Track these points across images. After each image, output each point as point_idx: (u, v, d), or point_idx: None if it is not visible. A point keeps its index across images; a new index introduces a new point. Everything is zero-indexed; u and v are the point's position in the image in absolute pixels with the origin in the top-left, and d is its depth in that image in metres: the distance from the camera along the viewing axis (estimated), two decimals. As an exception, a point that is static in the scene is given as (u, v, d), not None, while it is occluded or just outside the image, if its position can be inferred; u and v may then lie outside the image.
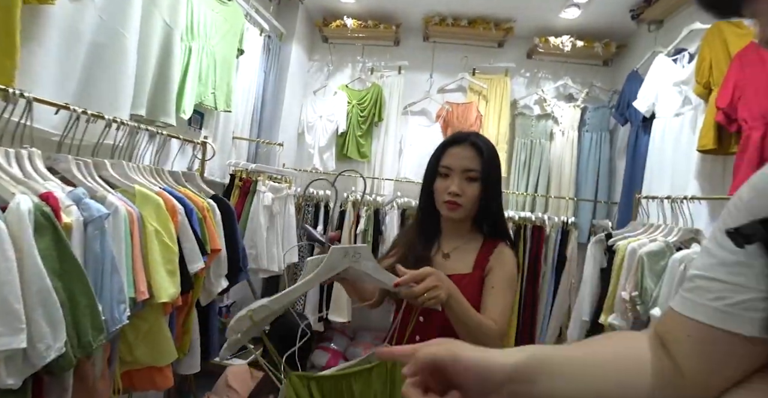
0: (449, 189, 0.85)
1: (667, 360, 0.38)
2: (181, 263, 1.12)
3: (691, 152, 1.82)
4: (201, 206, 1.26)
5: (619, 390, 0.38)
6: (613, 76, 2.61)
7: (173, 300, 1.05)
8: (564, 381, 0.39)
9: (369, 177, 2.56)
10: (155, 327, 1.07)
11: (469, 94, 2.68)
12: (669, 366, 0.37)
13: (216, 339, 1.38)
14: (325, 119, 2.61)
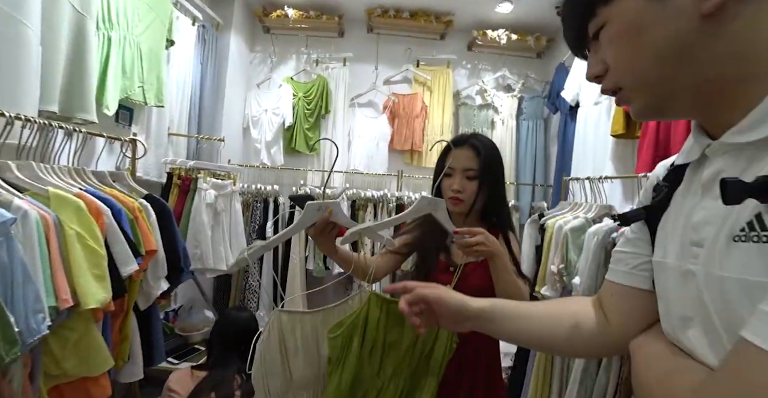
0: (452, 187, 0.95)
1: (602, 315, 0.53)
2: (112, 266, 1.06)
3: (607, 137, 2.02)
4: (131, 207, 1.20)
5: (545, 332, 0.56)
6: (545, 67, 2.78)
7: (104, 305, 0.99)
8: (511, 323, 0.56)
9: (318, 170, 2.54)
10: (85, 335, 1.01)
11: (414, 85, 2.73)
12: (602, 319, 0.52)
13: (160, 344, 1.33)
14: (270, 112, 2.54)
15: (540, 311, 0.58)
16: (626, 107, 0.44)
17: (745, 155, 0.34)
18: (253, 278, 2.18)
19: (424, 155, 2.68)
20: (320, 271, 2.24)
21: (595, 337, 0.53)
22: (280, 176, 2.47)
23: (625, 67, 0.40)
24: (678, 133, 1.66)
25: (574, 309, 0.56)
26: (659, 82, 0.38)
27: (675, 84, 0.37)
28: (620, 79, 0.40)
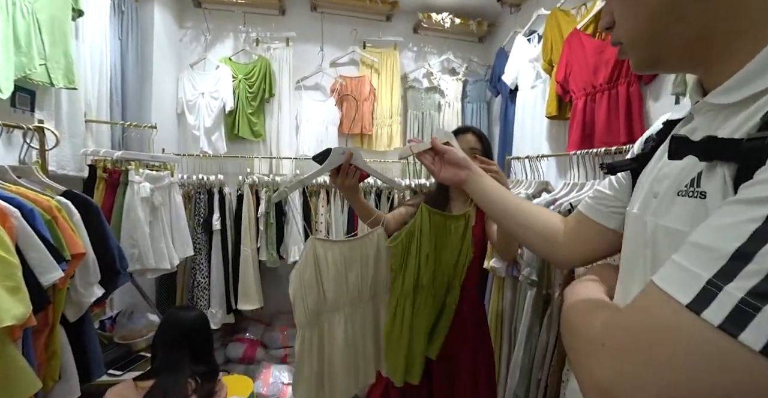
0: None
1: (561, 226, 0.63)
2: (30, 276, 0.91)
3: (543, 119, 2.15)
4: (46, 206, 1.02)
5: (519, 211, 0.67)
6: (487, 52, 2.84)
7: (21, 321, 0.85)
8: (496, 191, 0.70)
9: (266, 157, 2.40)
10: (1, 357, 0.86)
11: (362, 67, 2.65)
12: (560, 230, 0.63)
13: (98, 356, 1.18)
14: (208, 96, 2.32)
15: (520, 200, 0.70)
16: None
17: (721, 116, 0.35)
18: (201, 274, 2.03)
19: (374, 139, 2.65)
20: (274, 261, 2.15)
21: (547, 243, 0.63)
22: (223, 165, 2.28)
23: (623, 23, 0.41)
24: (600, 116, 1.80)
25: (546, 215, 0.66)
26: (651, 39, 0.38)
27: (667, 40, 0.37)
28: (621, 34, 0.42)
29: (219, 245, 2.06)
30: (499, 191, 0.70)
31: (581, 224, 0.60)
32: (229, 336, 2.23)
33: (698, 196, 0.32)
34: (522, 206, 0.68)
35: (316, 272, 0.84)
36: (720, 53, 0.35)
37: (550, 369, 1.57)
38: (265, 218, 2.13)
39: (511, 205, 0.68)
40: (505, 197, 0.69)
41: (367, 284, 0.91)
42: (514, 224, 0.67)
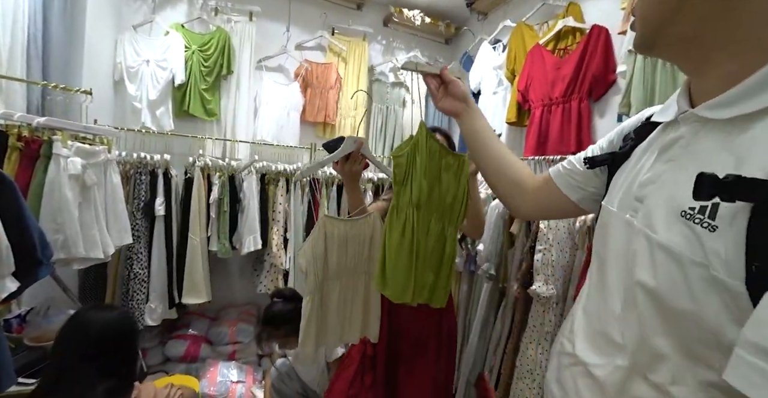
0: None
1: (530, 181, 0.67)
2: None
3: (503, 124, 2.25)
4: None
5: (502, 155, 0.70)
6: (453, 54, 2.88)
7: None
8: (487, 131, 0.72)
9: (220, 139, 2.17)
10: None
11: (329, 54, 2.52)
12: (528, 184, 0.67)
13: (7, 362, 0.96)
14: (154, 64, 2.02)
15: (503, 147, 0.72)
16: None
17: (705, 130, 0.37)
18: (140, 265, 1.77)
19: (337, 129, 2.55)
20: (226, 252, 1.96)
21: (515, 192, 0.68)
22: (169, 144, 2.02)
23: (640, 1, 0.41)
24: (554, 126, 1.93)
25: (521, 166, 0.70)
26: (655, 20, 0.39)
27: (667, 28, 0.38)
28: (639, 5, 0.42)
29: (162, 233, 1.82)
30: (490, 132, 0.72)
31: (548, 185, 0.64)
32: (168, 333, 2.00)
33: (709, 228, 0.31)
34: (503, 153, 0.71)
35: (325, 244, 0.93)
36: (712, 60, 0.36)
37: (503, 355, 1.65)
38: (217, 205, 1.93)
39: (495, 149, 0.70)
40: (491, 139, 0.72)
41: (362, 260, 0.99)
42: (493, 167, 0.70)
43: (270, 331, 1.48)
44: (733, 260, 0.29)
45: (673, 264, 0.34)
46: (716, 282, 0.30)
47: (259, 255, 2.20)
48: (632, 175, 0.45)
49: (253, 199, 1.99)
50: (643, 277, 0.37)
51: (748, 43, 0.33)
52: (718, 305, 0.31)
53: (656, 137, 0.45)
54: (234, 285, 2.35)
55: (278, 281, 2.07)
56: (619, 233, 0.44)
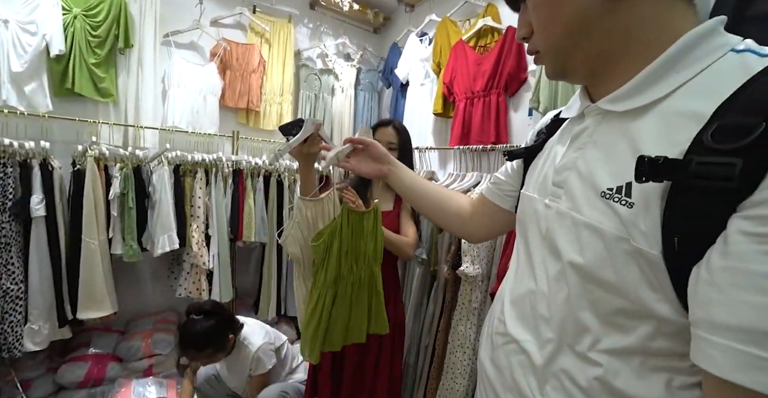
0: None
1: (469, 208, 0.73)
2: None
3: (429, 114, 2.30)
4: None
5: (437, 199, 0.75)
6: (381, 44, 2.83)
7: None
8: (412, 181, 0.77)
9: (120, 124, 1.81)
10: None
11: (250, 34, 2.26)
12: (468, 210, 0.72)
13: None
14: (16, 26, 1.57)
15: (436, 187, 0.77)
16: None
17: (606, 119, 0.41)
18: (11, 279, 1.39)
19: (262, 116, 2.33)
20: (134, 254, 1.65)
21: (459, 222, 0.72)
22: (48, 129, 1.60)
23: (543, 33, 0.43)
24: (476, 117, 2.03)
25: (458, 198, 0.75)
26: (565, 51, 0.42)
27: (577, 54, 0.41)
28: (537, 44, 0.44)
29: (43, 238, 1.45)
30: (418, 180, 0.77)
31: (483, 204, 0.69)
32: (60, 357, 1.63)
33: (625, 204, 0.34)
34: (438, 192, 0.75)
35: (308, 227, 0.96)
36: (614, 70, 0.39)
37: (437, 334, 1.72)
38: (120, 201, 1.60)
39: (429, 192, 0.75)
40: (423, 185, 0.76)
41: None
42: (433, 208, 0.75)
43: (193, 354, 1.31)
44: (650, 231, 0.32)
45: (599, 241, 0.36)
46: (636, 253, 0.33)
47: (176, 256, 1.92)
48: (547, 164, 0.49)
49: (165, 193, 1.71)
50: (572, 256, 0.40)
51: (640, 44, 0.37)
52: (637, 274, 0.33)
53: (565, 129, 0.49)
54: (146, 292, 2.02)
55: (201, 283, 1.84)
56: (540, 218, 0.47)
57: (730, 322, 0.26)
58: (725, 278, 0.27)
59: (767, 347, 0.25)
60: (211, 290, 1.86)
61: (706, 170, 0.28)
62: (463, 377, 1.58)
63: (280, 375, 1.58)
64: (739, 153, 0.27)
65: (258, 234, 2.01)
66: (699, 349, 0.29)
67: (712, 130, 0.29)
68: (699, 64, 0.34)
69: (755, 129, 0.27)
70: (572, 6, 0.39)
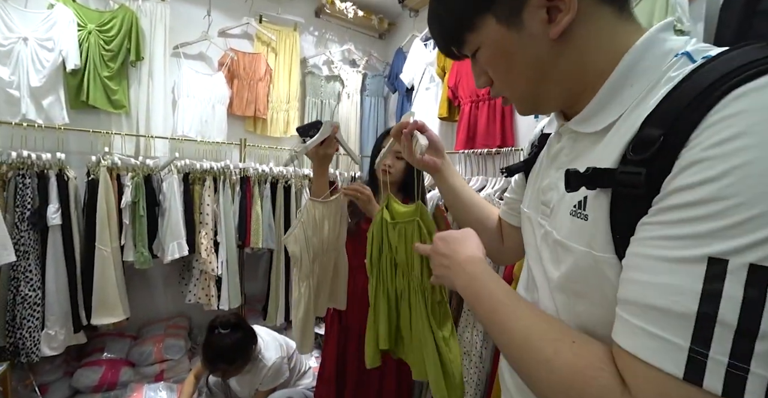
0: (385, 162, 1.22)
1: (495, 220, 0.69)
2: None
3: (435, 119, 2.29)
4: None
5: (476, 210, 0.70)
6: (386, 49, 2.86)
7: None
8: (463, 190, 0.71)
9: (132, 135, 1.87)
10: None
11: (257, 43, 2.32)
12: (493, 221, 0.69)
13: None
14: (34, 43, 1.65)
15: (478, 196, 0.72)
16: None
17: (579, 138, 0.42)
18: (30, 286, 1.45)
19: (269, 123, 2.37)
20: (145, 261, 1.70)
21: (493, 243, 0.68)
22: (64, 140, 1.67)
23: (503, 83, 0.45)
24: (481, 121, 2.02)
25: (493, 214, 0.70)
26: (530, 94, 0.43)
27: (542, 95, 0.43)
28: (501, 91, 0.46)
29: (59, 246, 1.51)
30: (466, 185, 0.72)
31: (504, 227, 0.67)
32: (75, 361, 1.69)
33: (582, 218, 0.37)
34: (483, 207, 0.70)
35: (315, 223, 0.97)
36: (580, 99, 0.41)
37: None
38: (131, 210, 1.66)
39: (474, 199, 0.70)
40: (470, 192, 0.71)
41: (333, 237, 1.02)
42: (472, 218, 0.69)
43: (225, 368, 1.30)
44: (603, 238, 0.34)
45: (569, 255, 0.38)
46: (600, 262, 0.34)
47: (186, 262, 1.97)
48: (537, 180, 0.50)
49: (175, 201, 1.76)
50: (552, 273, 0.42)
51: (595, 76, 0.38)
52: (608, 283, 0.34)
53: (548, 145, 0.51)
54: (157, 298, 2.07)
55: (210, 289, 1.87)
56: (535, 234, 0.48)
57: (625, 297, 0.31)
58: (628, 260, 0.31)
59: (639, 316, 0.29)
60: (220, 296, 1.90)
61: (625, 178, 0.32)
62: (470, 385, 1.56)
63: (289, 382, 1.60)
64: (643, 163, 0.31)
65: (265, 241, 2.04)
66: (615, 324, 0.32)
67: (634, 142, 0.33)
68: (650, 74, 0.35)
69: (656, 142, 0.30)
70: (524, 57, 0.40)
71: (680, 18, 1.26)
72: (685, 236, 0.27)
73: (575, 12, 0.36)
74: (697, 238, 0.27)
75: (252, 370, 1.44)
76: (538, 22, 0.37)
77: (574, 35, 0.38)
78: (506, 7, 0.38)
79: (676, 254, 0.28)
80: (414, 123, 0.69)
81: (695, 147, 0.28)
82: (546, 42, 0.38)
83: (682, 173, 0.28)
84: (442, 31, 0.46)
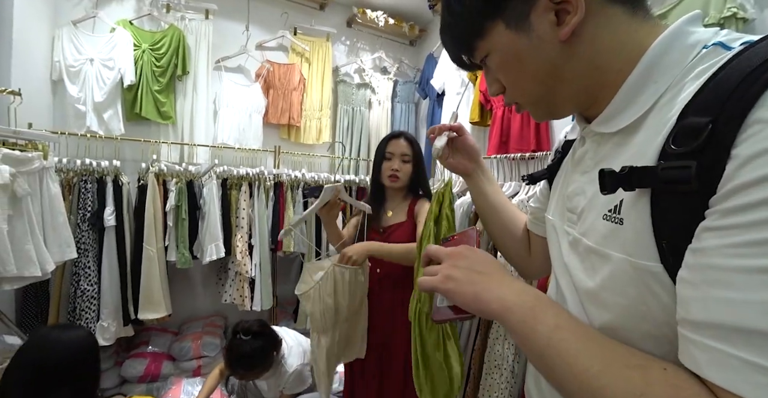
0: (392, 167, 1.23)
1: (522, 228, 0.66)
2: None
3: (466, 123, 2.26)
4: None
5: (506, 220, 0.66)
6: (417, 55, 2.88)
7: None
8: (497, 195, 0.68)
9: (177, 143, 2.04)
10: None
11: (291, 55, 2.44)
12: (520, 229, 0.65)
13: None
14: (99, 63, 1.86)
15: (510, 203, 0.69)
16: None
17: (603, 141, 0.40)
18: (88, 281, 1.61)
19: (302, 131, 2.47)
20: (185, 262, 1.83)
21: (520, 254, 0.65)
22: (120, 149, 1.86)
23: (515, 89, 0.44)
24: (515, 125, 1.96)
25: (522, 220, 0.66)
26: (544, 98, 0.42)
27: (557, 98, 0.42)
28: (515, 98, 0.45)
29: (113, 245, 1.67)
30: (498, 190, 0.69)
31: (532, 239, 0.64)
32: (125, 352, 1.84)
33: (617, 222, 0.34)
34: (509, 210, 0.67)
35: (335, 292, 0.97)
36: (598, 99, 0.40)
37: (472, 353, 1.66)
38: (175, 213, 1.80)
39: (504, 207, 0.67)
40: (500, 197, 0.68)
41: (352, 306, 1.03)
42: (499, 225, 0.67)
43: (242, 374, 1.36)
44: (643, 243, 0.31)
45: (605, 264, 0.35)
46: (640, 270, 0.32)
47: (223, 264, 2.08)
48: (562, 187, 0.48)
49: (213, 205, 1.88)
50: (584, 283, 0.39)
51: (612, 74, 0.37)
52: (648, 293, 0.32)
53: (572, 150, 0.49)
54: (197, 297, 2.21)
55: (244, 290, 1.97)
56: (560, 242, 0.46)
57: (703, 319, 0.26)
58: (696, 275, 0.27)
59: (734, 342, 0.24)
60: (253, 297, 1.99)
61: (670, 174, 0.29)
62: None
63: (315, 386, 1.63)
64: (692, 155, 0.27)
65: (297, 245, 2.11)
66: (682, 349, 0.28)
67: (674, 134, 0.30)
68: (674, 69, 0.33)
69: (704, 130, 0.27)
70: (535, 60, 0.39)
71: (742, 4, 1.16)
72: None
73: (583, 12, 0.35)
74: None
75: (275, 374, 1.48)
76: (546, 24, 0.37)
77: (585, 36, 0.37)
78: (514, 12, 0.38)
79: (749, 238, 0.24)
80: (448, 125, 0.68)
81: (758, 133, 0.24)
82: (556, 44, 0.38)
83: (747, 164, 0.24)
84: (452, 39, 0.47)
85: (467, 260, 0.43)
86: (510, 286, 0.39)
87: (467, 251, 0.44)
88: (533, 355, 0.34)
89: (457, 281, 0.41)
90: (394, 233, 1.23)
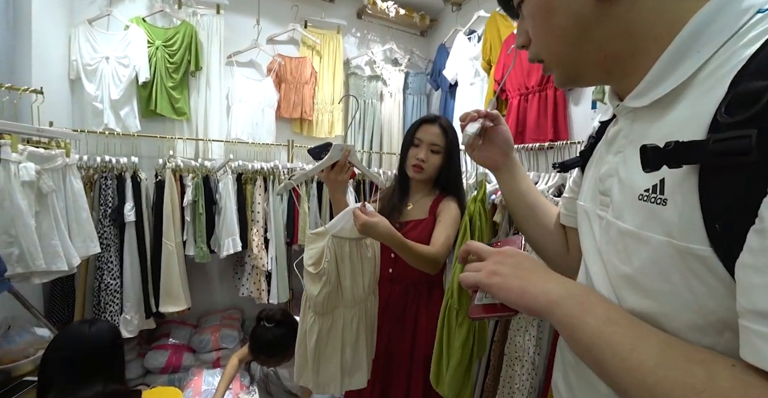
0: (418, 156, 1.10)
1: (555, 221, 0.62)
2: None
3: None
4: None
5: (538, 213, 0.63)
6: (428, 46, 2.84)
7: None
8: (528, 190, 0.64)
9: (192, 139, 2.06)
10: None
11: (303, 48, 2.43)
12: (553, 222, 0.62)
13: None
14: (114, 61, 1.88)
15: (542, 197, 0.65)
16: None
17: (638, 117, 0.38)
18: (111, 275, 1.66)
19: (314, 124, 2.47)
20: (203, 256, 1.86)
21: (557, 251, 0.61)
22: (136, 146, 1.89)
23: (540, 42, 0.42)
24: (531, 115, 1.92)
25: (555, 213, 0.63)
26: (568, 59, 0.40)
27: (582, 60, 0.39)
28: (539, 53, 0.43)
29: (134, 240, 1.71)
30: (531, 186, 0.64)
31: (568, 235, 0.60)
32: (147, 344, 1.89)
33: (660, 203, 0.32)
34: (544, 207, 0.63)
35: (336, 267, 0.85)
36: (628, 67, 0.37)
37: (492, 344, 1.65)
38: (192, 208, 1.82)
39: (538, 203, 0.63)
40: (534, 194, 0.64)
41: (364, 284, 0.90)
42: (534, 224, 0.63)
43: (264, 359, 1.39)
44: (689, 225, 0.29)
45: (645, 248, 0.33)
46: (685, 253, 0.30)
47: (239, 258, 2.11)
48: (595, 171, 0.46)
49: (229, 200, 1.90)
50: (621, 268, 0.37)
51: (649, 41, 0.35)
52: (693, 279, 0.30)
53: (606, 132, 0.47)
54: (214, 290, 2.26)
55: (261, 284, 2.00)
56: (592, 228, 0.44)
57: None
58: (763, 259, 0.24)
59: None
60: (270, 290, 2.01)
61: (723, 146, 0.26)
62: (521, 392, 1.49)
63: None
64: (751, 123, 0.25)
65: (311, 238, 2.13)
66: (745, 342, 0.25)
67: (727, 103, 0.27)
68: (722, 36, 0.31)
69: (765, 93, 0.24)
70: (565, 13, 0.37)
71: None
72: None
73: None
74: None
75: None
76: None
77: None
78: None
79: None
80: (484, 111, 0.61)
81: None
82: (590, 0, 0.36)
83: None
84: None
85: (513, 259, 0.42)
86: (557, 281, 0.38)
87: (512, 251, 0.44)
88: (581, 348, 0.33)
89: (503, 276, 0.40)
90: (413, 230, 1.11)
